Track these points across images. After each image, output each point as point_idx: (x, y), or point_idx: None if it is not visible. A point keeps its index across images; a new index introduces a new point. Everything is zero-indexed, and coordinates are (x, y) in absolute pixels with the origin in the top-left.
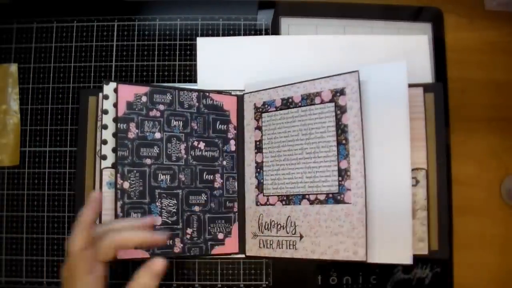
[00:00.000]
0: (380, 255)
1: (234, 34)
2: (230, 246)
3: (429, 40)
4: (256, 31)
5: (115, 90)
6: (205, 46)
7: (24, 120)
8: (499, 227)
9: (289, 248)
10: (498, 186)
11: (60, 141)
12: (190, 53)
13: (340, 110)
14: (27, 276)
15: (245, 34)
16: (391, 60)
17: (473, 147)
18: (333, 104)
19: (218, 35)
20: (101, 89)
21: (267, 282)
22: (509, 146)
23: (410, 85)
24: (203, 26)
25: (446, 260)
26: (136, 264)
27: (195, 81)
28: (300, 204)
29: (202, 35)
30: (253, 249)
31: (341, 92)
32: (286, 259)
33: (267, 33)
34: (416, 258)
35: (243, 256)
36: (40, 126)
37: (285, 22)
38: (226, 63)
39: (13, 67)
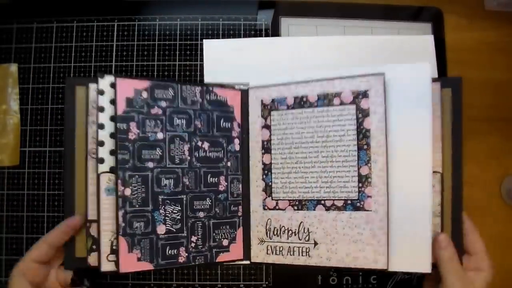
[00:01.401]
0: (399, 264)
1: (234, 34)
2: (235, 252)
3: None
4: (256, 31)
5: (113, 85)
6: (211, 48)
7: (24, 120)
8: (499, 227)
9: (302, 255)
10: (498, 186)
11: (60, 141)
12: (190, 53)
13: (362, 114)
14: None
15: (245, 34)
16: (401, 60)
17: (473, 147)
18: (354, 106)
19: (218, 35)
20: (93, 79)
21: (267, 282)
22: (509, 147)
23: None
24: (203, 26)
25: None
26: (138, 274)
27: (195, 82)
28: (314, 209)
29: (202, 35)
30: (259, 255)
31: (364, 94)
32: (299, 267)
33: (267, 33)
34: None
35: (247, 262)
36: (40, 126)
37: (285, 22)
38: (233, 65)
39: (13, 67)
